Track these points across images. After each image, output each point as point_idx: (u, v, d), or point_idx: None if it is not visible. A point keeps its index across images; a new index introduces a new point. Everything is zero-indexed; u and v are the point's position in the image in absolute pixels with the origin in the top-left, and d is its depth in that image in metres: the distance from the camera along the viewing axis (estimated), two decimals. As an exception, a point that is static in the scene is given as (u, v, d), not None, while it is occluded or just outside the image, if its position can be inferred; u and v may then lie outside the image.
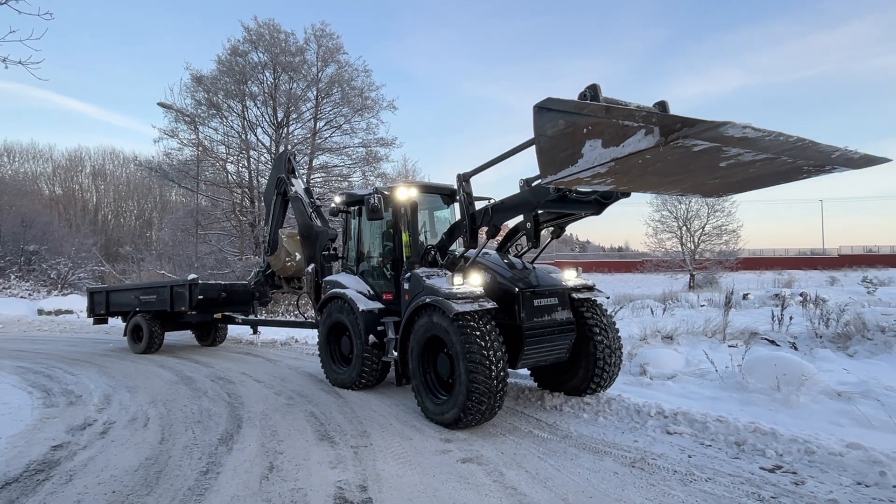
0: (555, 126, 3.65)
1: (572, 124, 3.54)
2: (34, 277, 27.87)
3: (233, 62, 20.47)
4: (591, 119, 3.41)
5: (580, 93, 4.20)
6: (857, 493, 3.58)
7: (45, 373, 8.56)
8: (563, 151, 3.60)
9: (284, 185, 9.71)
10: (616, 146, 3.23)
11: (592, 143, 3.39)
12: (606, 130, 3.31)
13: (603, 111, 3.34)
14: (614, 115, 3.28)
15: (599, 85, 4.12)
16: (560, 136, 3.63)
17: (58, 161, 47.83)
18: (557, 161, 3.65)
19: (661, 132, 3.00)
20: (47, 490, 3.85)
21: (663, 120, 3.03)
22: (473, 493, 3.70)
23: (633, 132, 3.14)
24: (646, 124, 3.08)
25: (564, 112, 3.59)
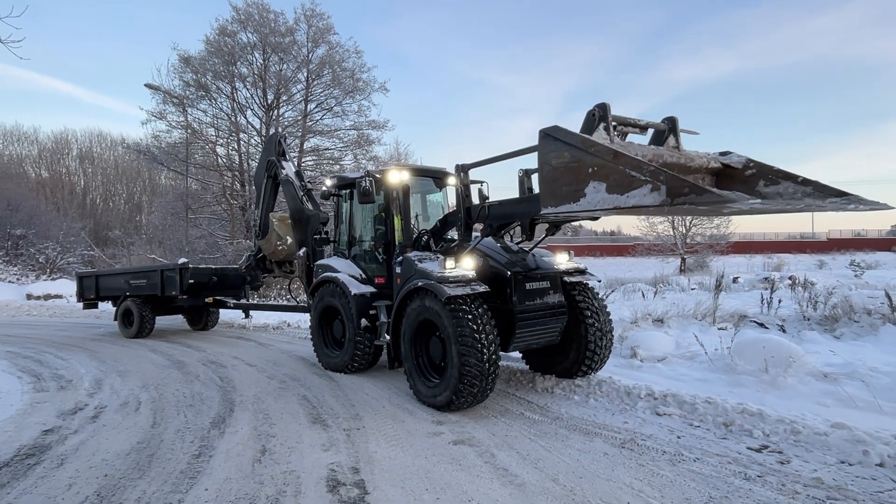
0: (560, 157, 3.61)
1: (577, 160, 3.51)
2: (22, 262, 27.59)
3: (221, 42, 20.08)
4: (597, 160, 3.39)
5: (589, 111, 4.15)
6: (841, 471, 3.65)
7: (34, 357, 8.51)
8: (566, 185, 3.58)
9: (275, 168, 9.60)
10: (620, 194, 3.24)
11: (597, 185, 3.39)
12: (612, 175, 3.30)
13: (611, 155, 3.31)
14: (622, 161, 3.26)
15: (609, 104, 4.06)
16: (564, 168, 3.59)
17: (43, 143, 47.05)
18: (560, 194, 3.63)
19: (667, 192, 3.01)
20: (38, 474, 3.84)
21: (672, 181, 3.02)
22: (465, 474, 3.73)
23: (639, 184, 3.14)
24: (653, 180, 3.09)
25: (570, 145, 3.55)
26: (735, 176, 4.71)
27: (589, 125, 4.09)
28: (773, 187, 4.47)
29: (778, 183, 4.47)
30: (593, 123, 4.06)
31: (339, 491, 3.47)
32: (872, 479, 3.52)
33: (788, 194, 4.37)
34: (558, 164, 3.62)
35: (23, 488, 3.60)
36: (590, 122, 4.09)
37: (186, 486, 3.60)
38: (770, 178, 4.52)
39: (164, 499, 3.41)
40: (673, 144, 4.58)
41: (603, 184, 3.36)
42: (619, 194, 3.26)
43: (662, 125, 4.62)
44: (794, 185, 4.39)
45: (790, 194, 4.37)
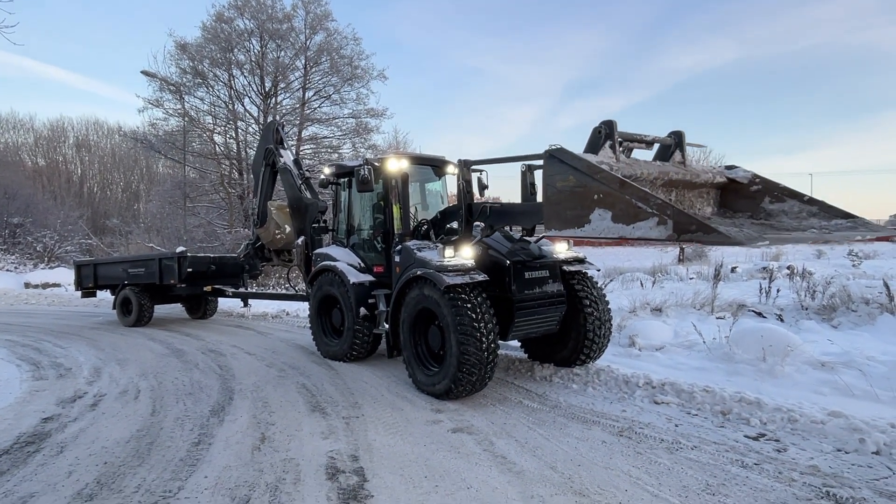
0: (565, 180, 3.57)
1: (583, 185, 3.47)
2: (20, 250, 27.53)
3: (218, 29, 19.88)
4: (603, 187, 3.35)
5: (595, 128, 4.12)
6: (837, 459, 3.68)
7: (33, 346, 8.52)
8: (570, 209, 3.55)
9: (273, 157, 9.54)
10: (626, 224, 3.22)
11: (602, 213, 3.36)
12: (618, 204, 3.27)
13: (617, 183, 3.28)
14: (628, 191, 3.23)
15: (616, 122, 4.03)
16: (570, 192, 3.55)
17: (39, 131, 46.72)
18: (564, 218, 3.60)
19: (674, 227, 3.00)
20: (38, 462, 3.85)
21: (679, 217, 3.00)
22: (464, 462, 3.75)
23: (645, 216, 3.13)
24: (660, 214, 3.06)
25: (576, 169, 3.50)
26: (740, 191, 4.73)
27: (595, 143, 4.05)
28: (779, 205, 4.49)
29: (783, 200, 4.48)
30: (599, 141, 4.02)
31: (338, 478, 3.49)
32: (869, 467, 3.54)
33: (794, 213, 4.38)
34: (563, 187, 3.59)
35: (23, 475, 3.62)
36: (596, 140, 4.06)
37: (186, 473, 3.62)
38: (776, 195, 4.53)
39: (163, 486, 3.43)
40: (679, 159, 4.57)
41: (609, 212, 3.34)
42: (625, 224, 3.25)
43: (668, 140, 4.60)
44: (800, 203, 4.41)
45: (795, 213, 4.38)
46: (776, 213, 4.48)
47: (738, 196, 4.75)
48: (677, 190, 4.49)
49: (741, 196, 4.73)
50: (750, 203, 4.68)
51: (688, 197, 4.62)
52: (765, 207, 4.56)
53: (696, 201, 4.68)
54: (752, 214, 4.64)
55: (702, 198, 4.72)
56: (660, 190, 4.31)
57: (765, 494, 3.19)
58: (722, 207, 4.85)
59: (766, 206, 4.55)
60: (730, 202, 4.82)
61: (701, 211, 4.68)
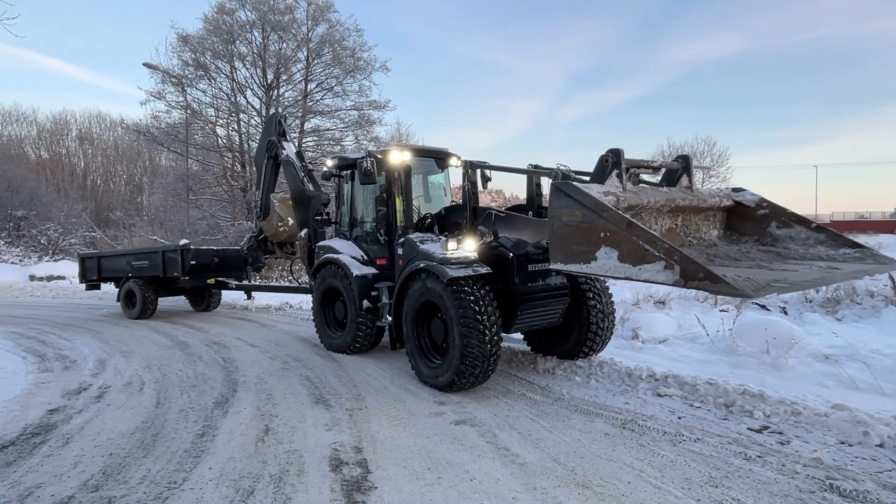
0: (571, 215, 3.53)
1: (589, 222, 3.44)
2: (24, 243, 27.63)
3: (219, 21, 19.77)
4: (610, 225, 3.32)
5: (602, 156, 4.09)
6: (841, 451, 3.67)
7: (38, 338, 8.57)
8: (577, 244, 3.52)
9: (275, 149, 9.52)
10: (632, 265, 3.20)
11: (608, 252, 3.33)
12: (625, 245, 3.25)
13: (624, 224, 3.25)
14: (635, 232, 3.21)
15: (622, 150, 3.99)
16: (576, 227, 3.52)
17: (42, 124, 46.67)
18: (570, 253, 3.57)
19: (681, 274, 2.98)
20: (44, 453, 3.88)
21: (686, 263, 2.97)
22: (467, 453, 3.76)
23: (652, 259, 3.10)
24: (667, 259, 3.04)
25: (583, 205, 3.46)
26: (747, 214, 4.72)
27: (601, 172, 4.02)
28: (786, 230, 4.48)
29: (791, 226, 4.47)
30: (606, 170, 3.99)
31: (341, 470, 3.50)
32: (872, 460, 3.54)
33: (801, 239, 4.37)
34: (569, 221, 3.55)
35: (29, 466, 3.65)
36: (602, 169, 4.02)
37: (191, 464, 3.64)
38: (783, 220, 4.52)
39: (168, 477, 3.45)
40: (686, 184, 4.55)
41: (615, 251, 3.31)
42: (632, 265, 3.22)
43: (676, 164, 4.60)
44: (807, 230, 4.40)
45: (802, 239, 4.36)
46: (783, 239, 4.48)
47: (744, 219, 4.76)
48: (684, 215, 4.50)
49: (748, 219, 4.73)
50: (757, 227, 4.68)
51: (694, 221, 4.62)
52: (772, 232, 4.57)
53: (702, 225, 4.68)
54: (758, 238, 4.64)
55: (708, 221, 4.73)
56: (666, 216, 4.33)
57: (768, 487, 3.19)
58: (728, 230, 4.85)
59: (774, 230, 4.56)
60: (736, 225, 4.82)
61: (707, 234, 4.68)
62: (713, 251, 4.28)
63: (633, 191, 3.98)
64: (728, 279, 2.84)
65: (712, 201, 4.57)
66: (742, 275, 3.18)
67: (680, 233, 4.48)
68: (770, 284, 2.99)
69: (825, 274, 3.46)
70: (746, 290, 2.79)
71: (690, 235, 4.54)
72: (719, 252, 4.28)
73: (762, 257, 4.25)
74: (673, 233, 4.41)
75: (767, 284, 2.97)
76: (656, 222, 4.26)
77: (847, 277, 3.47)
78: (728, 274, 3.07)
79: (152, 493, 3.24)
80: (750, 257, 4.23)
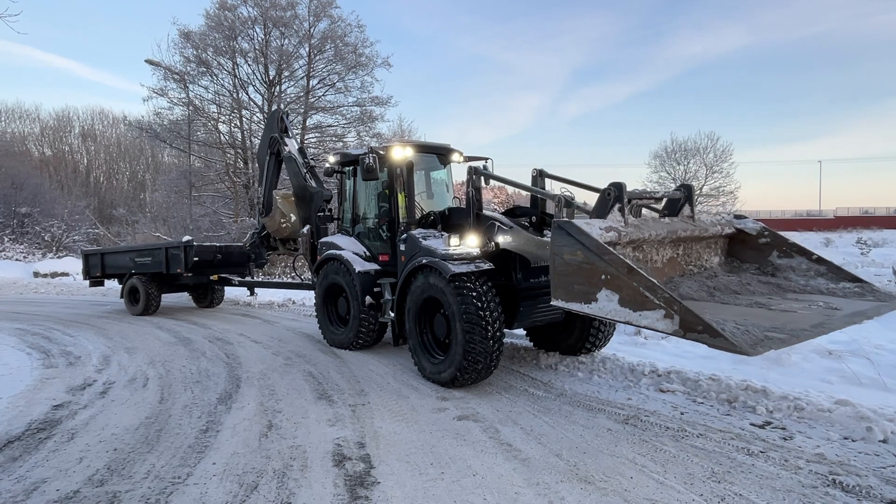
0: (573, 254, 3.54)
1: (591, 263, 3.44)
2: (28, 240, 27.74)
3: (221, 17, 19.76)
4: (611, 269, 3.32)
5: (604, 190, 4.11)
6: (844, 447, 3.67)
7: (43, 334, 8.61)
8: (578, 284, 3.52)
9: (278, 145, 9.52)
10: (633, 311, 3.21)
11: (609, 295, 3.34)
12: (625, 289, 3.25)
13: (625, 269, 3.25)
14: (636, 279, 3.21)
15: (625, 184, 4.01)
16: (577, 266, 3.52)
17: (45, 121, 46.86)
18: (571, 291, 3.57)
19: (680, 324, 3.00)
20: (49, 448, 3.91)
21: (685, 314, 2.99)
22: (469, 449, 3.77)
23: (652, 307, 3.12)
24: (667, 308, 3.06)
25: (584, 245, 3.47)
26: (748, 241, 4.79)
27: (603, 206, 4.04)
28: (787, 260, 4.55)
29: (792, 256, 4.53)
30: (608, 204, 4.01)
31: (345, 465, 3.52)
32: (875, 455, 3.53)
33: (801, 270, 4.43)
34: (571, 260, 3.55)
35: (35, 461, 3.67)
36: (604, 203, 4.04)
37: (194, 460, 3.66)
38: (784, 249, 4.58)
39: (172, 472, 3.47)
40: (688, 214, 4.59)
41: (616, 295, 3.31)
42: (632, 310, 3.23)
43: (678, 194, 4.64)
44: (808, 262, 4.45)
45: (803, 271, 4.42)
46: (784, 269, 4.53)
47: (745, 246, 4.82)
48: (685, 244, 4.54)
49: (749, 247, 4.80)
50: (758, 255, 4.75)
51: (695, 249, 4.67)
52: (772, 261, 4.63)
53: (703, 252, 4.74)
54: (759, 266, 4.69)
55: (709, 248, 4.78)
56: (668, 246, 4.36)
57: (770, 482, 3.19)
58: (730, 256, 4.92)
59: (774, 259, 4.63)
60: (737, 251, 4.90)
61: (708, 262, 4.73)
62: (713, 283, 4.33)
63: (634, 224, 4.01)
64: (727, 334, 2.86)
65: (714, 230, 4.64)
66: (741, 323, 3.21)
67: (681, 261, 4.54)
68: (767, 337, 2.99)
69: (823, 319, 3.47)
70: (744, 347, 2.82)
71: (692, 264, 4.61)
72: (719, 284, 4.32)
73: (762, 289, 4.29)
74: (674, 262, 4.48)
75: (765, 338, 2.98)
76: (657, 253, 4.32)
77: (845, 323, 3.48)
78: (727, 324, 3.12)
79: (157, 488, 3.26)
80: (750, 290, 4.28)
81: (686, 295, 4.05)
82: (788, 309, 3.73)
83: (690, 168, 32.66)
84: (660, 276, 4.30)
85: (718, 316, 3.34)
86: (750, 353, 2.82)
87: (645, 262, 4.22)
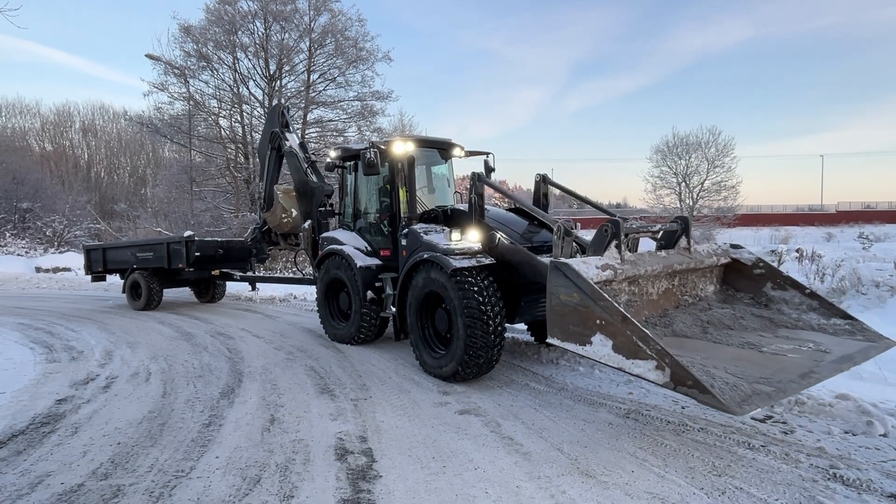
0: (569, 295, 3.59)
1: (586, 306, 3.49)
2: (30, 235, 27.75)
3: (221, 11, 19.66)
4: (605, 315, 3.37)
5: (601, 226, 4.18)
6: (845, 441, 3.68)
7: (45, 329, 8.63)
8: (574, 325, 3.58)
9: (278, 140, 9.51)
10: (626, 358, 3.27)
11: (603, 340, 3.40)
12: (619, 336, 3.31)
13: (619, 317, 3.31)
14: (629, 327, 3.26)
15: (622, 221, 4.11)
16: (573, 308, 3.57)
17: (46, 116, 46.68)
18: (567, 332, 3.62)
19: (671, 377, 3.06)
20: (53, 442, 3.93)
21: (676, 368, 3.05)
22: (471, 442, 3.78)
23: (644, 356, 3.18)
24: (659, 360, 3.12)
25: (580, 289, 3.51)
26: (743, 271, 4.94)
27: (600, 243, 4.10)
28: (780, 292, 4.69)
29: (785, 289, 4.67)
30: (605, 241, 4.07)
31: (347, 459, 3.53)
32: (876, 449, 3.54)
33: (794, 304, 4.58)
34: (567, 301, 3.60)
35: (39, 455, 3.69)
36: (601, 240, 4.11)
37: (197, 453, 3.68)
38: (778, 282, 4.73)
39: (175, 466, 3.49)
40: (684, 245, 4.69)
41: (610, 340, 3.37)
42: (625, 357, 3.29)
43: (674, 226, 4.72)
44: (801, 295, 4.60)
45: (796, 304, 4.58)
46: (777, 301, 4.66)
47: (740, 276, 4.96)
48: (681, 275, 4.63)
49: (744, 276, 4.93)
50: (752, 285, 4.87)
51: (691, 279, 4.77)
52: (767, 292, 4.76)
53: (699, 282, 4.84)
54: (753, 297, 4.82)
55: (705, 277, 4.90)
56: (664, 278, 4.46)
57: (771, 476, 3.20)
58: (724, 285, 5.05)
59: (769, 291, 4.76)
60: (733, 280, 5.03)
61: (703, 291, 4.85)
62: (707, 316, 4.43)
63: (631, 260, 4.09)
64: (715, 391, 2.93)
65: (710, 261, 4.76)
66: (732, 371, 3.32)
67: (677, 292, 4.66)
68: (755, 392, 3.07)
69: (812, 366, 3.55)
70: (732, 407, 2.89)
71: (687, 293, 4.72)
72: (713, 318, 4.42)
73: (755, 324, 4.40)
74: (670, 292, 4.59)
75: (753, 393, 3.05)
76: (653, 286, 4.42)
77: (833, 371, 3.54)
78: (717, 374, 3.21)
79: (160, 482, 3.28)
80: (743, 324, 4.38)
81: (680, 332, 4.15)
82: (779, 351, 3.84)
83: (692, 162, 32.47)
84: (655, 308, 4.41)
85: (710, 362, 3.46)
86: (737, 412, 2.90)
87: (641, 295, 4.32)
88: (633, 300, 4.21)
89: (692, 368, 3.07)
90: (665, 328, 4.15)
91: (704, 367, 3.34)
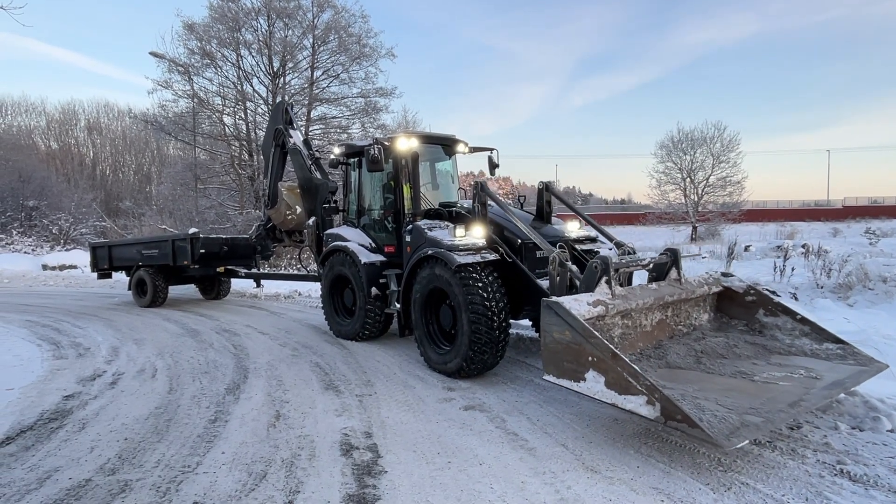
0: (561, 333, 3.66)
1: (578, 344, 3.55)
2: (36, 233, 27.90)
3: (225, 8, 19.65)
4: (597, 352, 3.44)
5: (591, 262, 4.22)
6: (852, 437, 3.66)
7: (52, 326, 8.69)
8: (568, 362, 3.65)
9: (283, 137, 9.52)
10: (618, 394, 3.35)
11: (596, 377, 3.47)
12: (611, 372, 3.38)
13: (609, 354, 3.37)
14: (619, 364, 3.33)
15: (611, 259, 4.17)
16: (566, 345, 3.64)
17: (51, 114, 46.86)
18: (561, 368, 3.69)
19: (661, 412, 3.13)
20: (61, 437, 3.96)
21: (666, 403, 3.11)
22: (476, 438, 3.79)
23: (635, 392, 3.25)
24: (649, 395, 3.19)
25: (572, 327, 3.58)
26: (735, 298, 5.02)
27: (591, 280, 4.15)
28: (773, 318, 4.76)
29: (777, 315, 4.74)
30: (595, 277, 4.13)
31: (352, 455, 3.54)
32: (884, 445, 3.52)
33: (787, 329, 4.64)
34: (560, 339, 3.68)
35: (47, 450, 3.72)
36: (592, 277, 4.16)
37: (204, 449, 3.70)
38: (770, 308, 4.80)
39: (182, 461, 3.51)
40: (675, 277, 4.74)
41: (602, 377, 3.43)
42: (618, 393, 3.35)
43: (664, 258, 4.77)
44: (793, 321, 4.66)
45: (788, 330, 4.63)
46: (770, 327, 4.73)
47: (733, 303, 5.03)
48: (674, 306, 4.68)
49: (736, 304, 5.01)
50: (745, 312, 4.94)
51: (684, 309, 4.82)
52: (759, 319, 4.83)
53: (692, 311, 4.90)
54: (747, 324, 4.88)
55: (698, 306, 4.95)
56: (657, 310, 4.52)
57: (777, 471, 3.19)
58: (718, 312, 5.10)
59: (761, 317, 4.82)
60: (726, 308, 5.09)
61: (697, 320, 4.92)
62: (701, 346, 4.48)
63: (621, 295, 4.14)
64: (703, 425, 2.98)
65: (701, 291, 4.82)
66: (722, 402, 3.38)
67: (670, 322, 4.71)
68: (744, 424, 3.11)
69: (802, 393, 3.60)
70: (720, 440, 2.94)
71: (681, 323, 4.78)
72: (707, 347, 4.47)
73: (748, 352, 4.46)
74: (663, 323, 4.64)
75: (741, 425, 3.10)
76: (646, 318, 4.47)
77: (822, 398, 3.60)
78: (707, 407, 3.26)
79: (167, 477, 3.30)
80: (736, 353, 4.44)
81: (673, 363, 4.19)
82: (770, 379, 3.87)
83: (697, 158, 32.36)
84: (650, 339, 4.45)
85: (701, 393, 3.52)
86: (725, 445, 2.93)
87: (635, 327, 4.36)
88: (627, 333, 4.29)
89: (682, 403, 3.13)
90: (659, 360, 4.22)
91: (696, 399, 3.42)
